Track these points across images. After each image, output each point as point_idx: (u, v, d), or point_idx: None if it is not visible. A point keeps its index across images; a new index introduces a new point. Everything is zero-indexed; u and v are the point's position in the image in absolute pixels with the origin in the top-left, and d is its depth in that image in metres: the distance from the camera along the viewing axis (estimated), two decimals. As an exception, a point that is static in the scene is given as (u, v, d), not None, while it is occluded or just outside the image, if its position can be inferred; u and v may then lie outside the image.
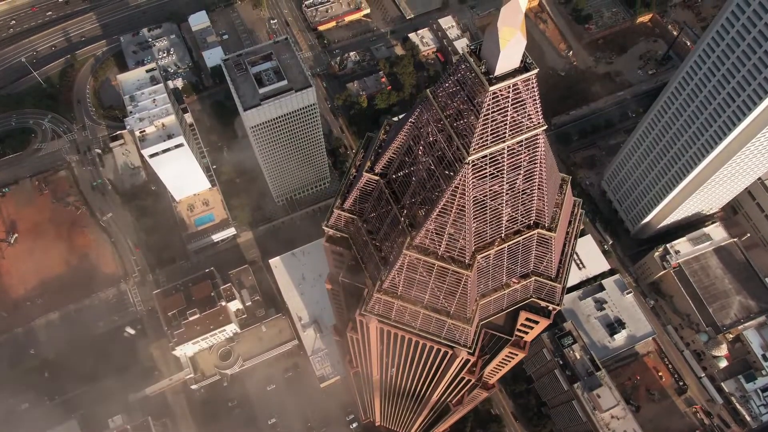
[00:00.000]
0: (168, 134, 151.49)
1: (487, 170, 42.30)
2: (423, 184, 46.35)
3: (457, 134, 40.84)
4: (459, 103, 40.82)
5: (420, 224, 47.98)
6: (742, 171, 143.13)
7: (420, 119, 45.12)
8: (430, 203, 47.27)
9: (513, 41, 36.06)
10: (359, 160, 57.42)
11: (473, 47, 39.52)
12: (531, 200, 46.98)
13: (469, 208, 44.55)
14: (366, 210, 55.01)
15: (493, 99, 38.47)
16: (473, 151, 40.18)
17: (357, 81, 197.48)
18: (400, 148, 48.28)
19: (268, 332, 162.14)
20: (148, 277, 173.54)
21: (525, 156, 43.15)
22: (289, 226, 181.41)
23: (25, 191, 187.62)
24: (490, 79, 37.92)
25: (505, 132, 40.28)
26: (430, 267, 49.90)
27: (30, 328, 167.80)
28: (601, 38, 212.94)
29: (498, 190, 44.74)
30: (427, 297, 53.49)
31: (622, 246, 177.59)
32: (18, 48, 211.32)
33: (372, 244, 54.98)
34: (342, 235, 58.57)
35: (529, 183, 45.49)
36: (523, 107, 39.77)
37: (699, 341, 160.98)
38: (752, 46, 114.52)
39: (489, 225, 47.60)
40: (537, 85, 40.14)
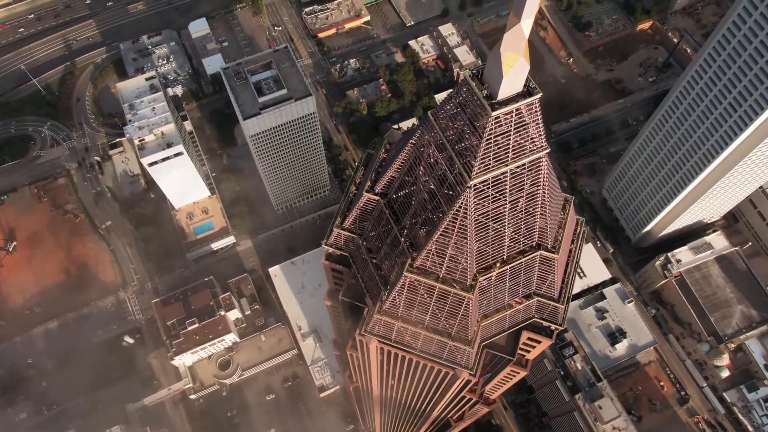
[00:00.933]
0: (167, 143, 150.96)
1: (489, 193, 41.70)
2: (424, 205, 45.73)
3: (459, 157, 40.24)
4: (460, 125, 40.22)
5: (421, 245, 47.35)
6: (744, 180, 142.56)
7: (421, 140, 44.55)
8: (431, 224, 46.65)
9: (516, 67, 35.44)
10: (359, 177, 56.77)
11: (475, 71, 38.93)
12: (534, 222, 46.35)
13: (471, 231, 43.91)
14: (366, 229, 54.36)
15: (495, 124, 37.88)
16: (475, 175, 39.58)
17: (357, 88, 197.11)
18: (401, 168, 47.68)
19: (268, 341, 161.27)
20: (147, 285, 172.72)
21: (528, 178, 42.53)
22: (288, 234, 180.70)
23: (24, 199, 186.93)
24: (492, 104, 37.34)
25: (507, 156, 39.69)
26: (431, 289, 49.25)
27: (28, 337, 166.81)
28: (601, 45, 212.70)
29: (500, 212, 44.12)
30: (428, 318, 52.79)
31: (623, 254, 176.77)
32: (17, 55, 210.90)
33: (372, 263, 54.32)
34: (342, 253, 57.90)
35: (531, 205, 44.86)
36: (525, 131, 39.18)
37: (701, 351, 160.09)
38: (754, 57, 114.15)
39: (491, 246, 46.96)
40: (540, 108, 39.54)
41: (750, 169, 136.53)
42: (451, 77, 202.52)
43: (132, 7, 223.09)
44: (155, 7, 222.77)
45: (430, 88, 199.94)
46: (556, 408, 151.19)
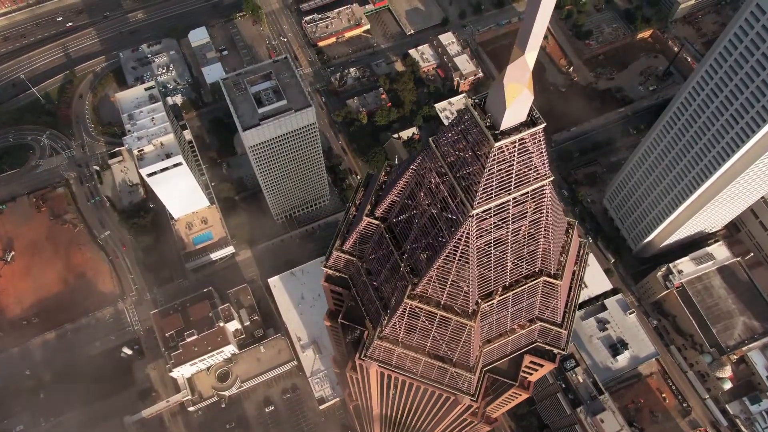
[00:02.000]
0: (166, 153, 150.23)
1: (491, 221, 40.97)
2: (425, 231, 45.01)
3: (461, 186, 39.55)
4: (462, 153, 39.53)
5: (422, 271, 46.58)
6: (746, 190, 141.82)
7: (422, 166, 43.86)
8: (432, 249, 45.90)
9: (520, 98, 34.71)
10: (359, 198, 56.03)
11: (477, 100, 38.23)
12: (536, 248, 45.61)
13: (473, 258, 43.16)
14: (366, 252, 53.58)
15: (498, 153, 37.17)
16: (477, 204, 38.88)
17: (357, 97, 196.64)
18: (402, 193, 46.95)
19: (267, 353, 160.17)
20: (146, 296, 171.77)
21: (531, 206, 41.83)
22: (288, 243, 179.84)
23: (22, 208, 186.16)
24: (495, 134, 36.64)
25: (510, 184, 38.98)
26: (432, 316, 48.43)
27: (26, 347, 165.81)
28: (601, 54, 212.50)
29: (503, 239, 43.38)
30: (429, 344, 51.94)
31: (624, 264, 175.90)
32: (17, 63, 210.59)
33: (372, 286, 53.53)
34: (341, 275, 57.09)
35: (534, 231, 44.14)
36: (529, 159, 38.50)
37: (703, 362, 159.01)
38: (756, 69, 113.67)
39: (493, 273, 46.17)
40: (544, 137, 38.85)
41: (752, 180, 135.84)
42: (451, 86, 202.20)
43: (132, 16, 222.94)
44: (155, 16, 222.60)
45: (431, 97, 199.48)
46: (558, 421, 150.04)
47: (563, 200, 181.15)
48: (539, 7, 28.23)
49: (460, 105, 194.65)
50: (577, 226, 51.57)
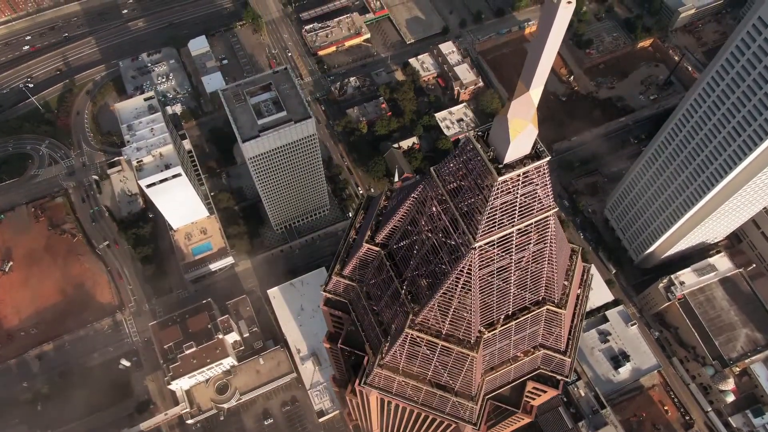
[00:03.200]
0: (165, 164, 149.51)
1: (494, 252, 40.17)
2: (426, 260, 44.21)
3: (463, 217, 38.78)
4: (464, 183, 38.75)
5: (423, 300, 45.72)
6: (749, 202, 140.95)
7: (423, 195, 43.09)
8: (434, 277, 45.04)
9: (524, 133, 33.97)
10: (359, 221, 55.18)
11: (480, 132, 37.48)
12: (540, 277, 44.79)
13: (476, 289, 42.33)
14: (366, 276, 52.71)
15: (501, 187, 36.43)
16: (480, 237, 38.09)
17: (357, 107, 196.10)
18: (402, 221, 46.16)
19: (266, 365, 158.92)
20: (145, 306, 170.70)
21: (534, 236, 41.04)
22: (288, 254, 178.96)
23: (21, 218, 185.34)
24: (499, 168, 35.88)
25: (513, 216, 38.20)
26: (434, 345, 47.56)
27: (23, 359, 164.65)
28: (602, 63, 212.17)
29: (506, 270, 42.55)
30: (430, 373, 51.06)
31: (625, 275, 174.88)
32: (16, 73, 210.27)
33: (372, 312, 52.64)
34: (341, 299, 56.22)
35: (538, 261, 43.35)
36: (533, 192, 37.74)
37: (705, 375, 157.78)
38: (758, 82, 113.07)
39: (496, 303, 45.34)
40: (548, 169, 38.04)
41: (755, 191, 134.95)
42: (452, 96, 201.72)
43: (132, 24, 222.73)
44: (155, 25, 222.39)
45: (431, 106, 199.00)
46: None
47: (564, 210, 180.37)
48: (545, 45, 27.56)
49: (460, 114, 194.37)
50: (581, 251, 50.58)
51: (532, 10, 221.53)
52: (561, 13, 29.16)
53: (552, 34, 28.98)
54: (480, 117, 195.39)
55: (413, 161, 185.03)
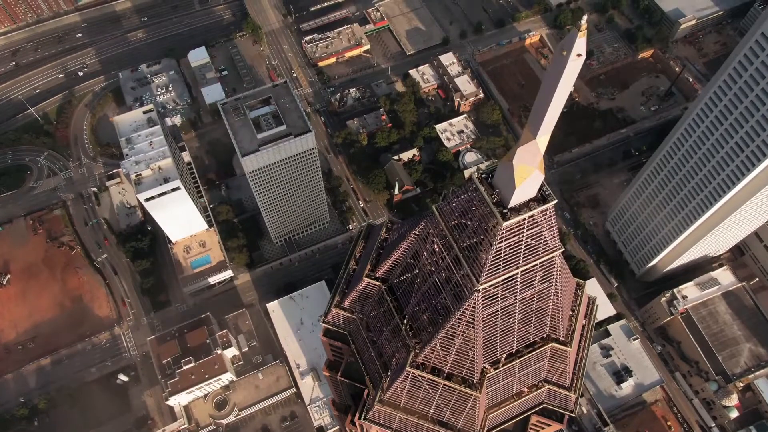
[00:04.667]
0: (164, 177, 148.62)
1: (498, 293, 39.11)
2: (428, 298, 43.12)
3: (466, 258, 37.76)
4: (468, 225, 37.73)
5: (424, 336, 44.59)
6: (753, 216, 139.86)
7: (425, 232, 42.05)
8: (435, 313, 43.90)
9: (530, 178, 32.98)
10: (359, 251, 54.01)
11: (484, 174, 36.45)
12: (545, 315, 43.72)
13: (479, 329, 41.24)
14: (366, 309, 51.58)
15: (506, 231, 35.43)
16: (484, 279, 37.04)
17: (357, 118, 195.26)
18: (404, 257, 45.10)
19: (265, 380, 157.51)
20: (143, 320, 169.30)
21: (539, 276, 39.98)
22: (287, 267, 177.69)
23: (19, 230, 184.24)
24: (503, 213, 34.86)
25: (518, 259, 37.17)
26: (436, 385, 46.41)
27: (20, 374, 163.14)
28: (602, 74, 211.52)
29: (510, 310, 41.49)
30: (431, 411, 49.87)
31: (627, 288, 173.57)
32: (15, 84, 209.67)
33: (372, 345, 51.48)
34: (341, 331, 55.07)
35: (543, 300, 42.25)
36: (539, 234, 36.73)
37: (708, 390, 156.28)
38: (761, 97, 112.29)
39: (500, 341, 44.23)
40: (554, 212, 37.04)
41: (759, 206, 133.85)
42: (452, 107, 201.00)
43: (131, 35, 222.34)
44: (155, 35, 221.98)
45: (431, 118, 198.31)
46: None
47: (565, 222, 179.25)
48: (554, 96, 26.66)
49: (461, 126, 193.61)
50: (585, 286, 49.50)
51: (532, 20, 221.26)
52: (570, 66, 28.18)
53: (561, 86, 28.01)
54: (480, 128, 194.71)
55: (413, 173, 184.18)
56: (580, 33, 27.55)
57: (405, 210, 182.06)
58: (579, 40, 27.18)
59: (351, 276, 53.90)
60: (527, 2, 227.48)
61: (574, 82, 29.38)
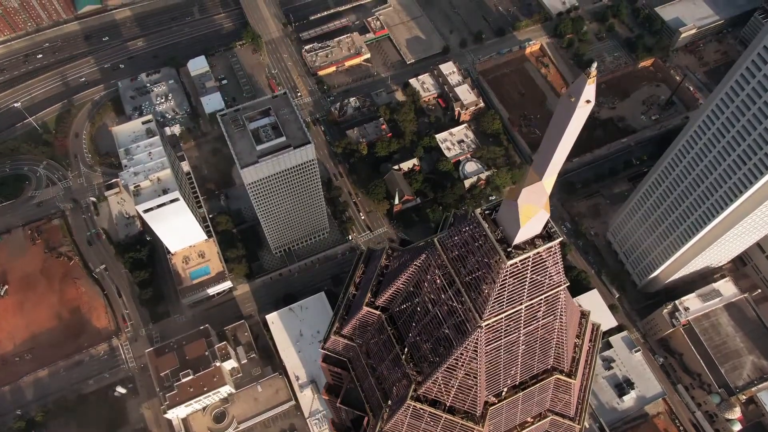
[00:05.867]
0: (163, 189, 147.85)
1: (502, 328, 38.23)
2: (429, 331, 42.21)
3: (468, 293, 36.88)
4: (471, 259, 36.84)
5: (425, 368, 43.62)
6: (756, 228, 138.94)
7: (426, 264, 41.16)
8: (437, 344, 42.96)
9: (535, 218, 32.14)
10: (359, 276, 53.08)
11: (487, 210, 35.61)
12: (549, 347, 42.80)
13: (482, 363, 40.32)
14: (366, 336, 50.63)
15: (511, 268, 34.58)
16: (488, 316, 36.16)
17: (357, 128, 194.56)
18: (404, 287, 44.19)
19: (264, 392, 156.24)
20: (141, 332, 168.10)
21: (544, 310, 39.09)
22: (286, 278, 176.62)
23: (17, 241, 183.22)
24: (508, 251, 34.01)
25: (522, 295, 36.29)
26: (437, 418, 45.43)
27: (17, 386, 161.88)
28: (603, 83, 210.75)
29: (514, 342, 40.57)
30: (433, 442, 48.98)
31: (629, 299, 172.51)
32: (14, 92, 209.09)
33: (372, 373, 50.48)
34: (340, 357, 54.12)
35: (547, 333, 41.37)
36: (544, 270, 35.87)
37: (711, 403, 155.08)
38: (763, 110, 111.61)
39: (503, 374, 43.29)
40: (560, 250, 36.12)
41: (762, 218, 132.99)
42: (452, 116, 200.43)
43: (131, 44, 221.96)
44: (154, 44, 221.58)
45: (431, 127, 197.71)
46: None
47: (566, 233, 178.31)
48: (561, 140, 25.89)
49: (461, 136, 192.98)
50: (590, 314, 48.54)
51: (532, 29, 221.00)
52: (579, 112, 27.39)
53: (568, 131, 27.21)
54: (481, 138, 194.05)
55: (414, 183, 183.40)
56: (589, 80, 26.78)
57: (405, 220, 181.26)
58: (588, 87, 26.46)
59: (351, 301, 52.96)
60: (527, 11, 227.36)
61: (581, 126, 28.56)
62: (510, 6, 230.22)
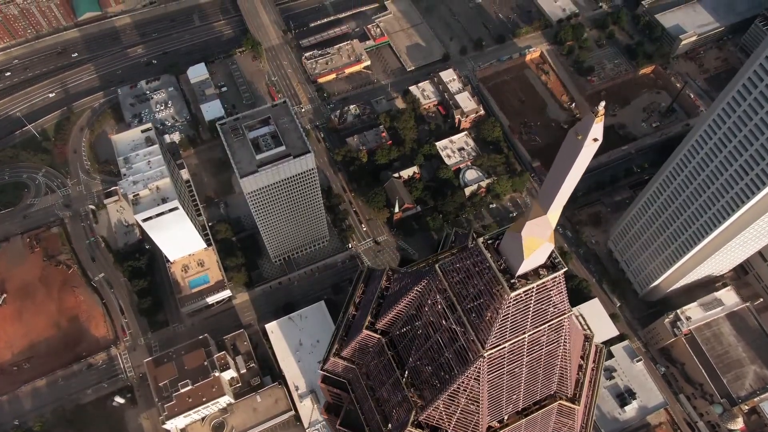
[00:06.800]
0: (162, 197, 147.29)
1: (505, 357, 37.52)
2: (431, 357, 41.48)
3: (471, 322, 36.18)
4: (472, 288, 36.16)
5: (426, 394, 42.87)
6: (759, 237, 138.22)
7: (427, 290, 40.47)
8: (438, 369, 42.20)
9: (539, 250, 31.48)
10: (359, 296, 52.37)
11: (490, 240, 34.94)
12: (553, 373, 42.08)
13: (484, 391, 39.61)
14: (366, 359, 49.88)
15: (514, 300, 33.91)
16: (490, 346, 35.47)
17: (357, 135, 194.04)
18: (405, 311, 43.49)
19: (264, 402, 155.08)
20: (140, 341, 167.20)
21: (547, 337, 38.40)
22: (286, 286, 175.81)
23: (15, 249, 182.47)
24: (511, 283, 33.34)
25: (526, 324, 35.60)
26: (439, 445, 44.76)
27: (15, 396, 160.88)
28: (603, 90, 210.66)
29: (517, 370, 39.86)
30: (435, 469, 48.19)
31: (630, 308, 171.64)
32: (14, 100, 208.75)
33: (372, 395, 49.70)
34: (340, 379, 53.37)
35: (551, 359, 40.66)
36: (548, 299, 35.20)
37: (713, 413, 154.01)
38: (765, 121, 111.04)
39: (505, 401, 42.55)
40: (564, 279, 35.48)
41: (765, 227, 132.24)
42: (452, 124, 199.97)
43: (131, 51, 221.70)
44: (154, 51, 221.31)
45: (431, 134, 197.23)
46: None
47: (567, 241, 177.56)
48: (567, 177, 25.25)
49: (461, 143, 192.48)
50: (593, 339, 47.78)
51: (533, 36, 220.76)
52: (585, 150, 26.74)
53: (574, 169, 26.53)
54: (481, 145, 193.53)
55: (414, 191, 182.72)
56: (597, 119, 26.17)
57: (405, 228, 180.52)
58: (596, 125, 25.81)
59: (350, 322, 52.24)
60: (527, 18, 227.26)
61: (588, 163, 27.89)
62: (510, 13, 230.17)
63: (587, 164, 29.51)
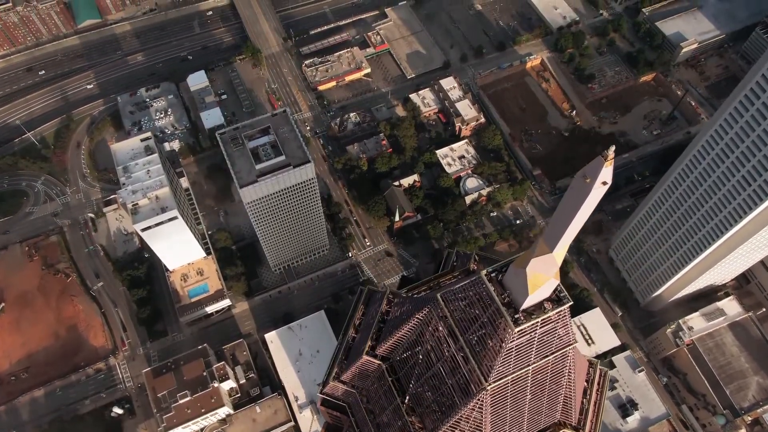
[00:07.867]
0: (161, 207, 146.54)
1: (508, 389, 36.71)
2: (433, 386, 40.65)
3: (474, 353, 35.37)
4: (475, 320, 35.36)
5: (427, 423, 42.01)
6: (762, 246, 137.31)
7: (429, 318, 39.68)
8: (440, 397, 41.37)
9: (544, 286, 30.71)
10: (358, 317, 51.59)
11: (493, 273, 34.16)
12: (557, 402, 41.25)
13: (487, 422, 38.78)
14: (366, 383, 49.04)
15: (518, 334, 33.13)
16: (494, 379, 34.67)
17: (357, 143, 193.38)
18: (406, 337, 42.69)
19: (263, 413, 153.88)
20: (139, 350, 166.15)
21: (552, 369, 37.59)
22: (286, 295, 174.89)
23: (14, 257, 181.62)
24: (515, 318, 32.57)
25: (530, 357, 34.81)
26: (441, 475, 43.89)
27: (13, 406, 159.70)
28: (604, 98, 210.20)
29: (520, 400, 39.04)
30: (437, 497, 47.29)
31: (632, 317, 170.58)
32: (13, 107, 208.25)
33: (372, 422, 48.82)
34: (339, 402, 52.52)
35: (555, 388, 39.83)
36: (553, 331, 34.44)
37: (716, 424, 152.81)
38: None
39: (509, 431, 41.68)
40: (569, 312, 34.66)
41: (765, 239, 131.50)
42: (453, 131, 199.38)
43: (131, 58, 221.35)
44: (154, 59, 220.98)
45: (432, 142, 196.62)
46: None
47: (568, 250, 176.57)
48: (574, 218, 24.56)
49: (462, 151, 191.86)
50: (598, 365, 46.94)
51: (533, 44, 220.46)
52: (593, 193, 26.02)
53: (581, 211, 25.83)
54: (481, 153, 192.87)
55: (414, 199, 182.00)
56: (607, 162, 25.58)
57: (406, 237, 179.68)
58: (605, 169, 25.28)
59: (350, 344, 51.42)
60: (528, 25, 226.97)
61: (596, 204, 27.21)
62: (510, 20, 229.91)
63: (594, 206, 28.76)
